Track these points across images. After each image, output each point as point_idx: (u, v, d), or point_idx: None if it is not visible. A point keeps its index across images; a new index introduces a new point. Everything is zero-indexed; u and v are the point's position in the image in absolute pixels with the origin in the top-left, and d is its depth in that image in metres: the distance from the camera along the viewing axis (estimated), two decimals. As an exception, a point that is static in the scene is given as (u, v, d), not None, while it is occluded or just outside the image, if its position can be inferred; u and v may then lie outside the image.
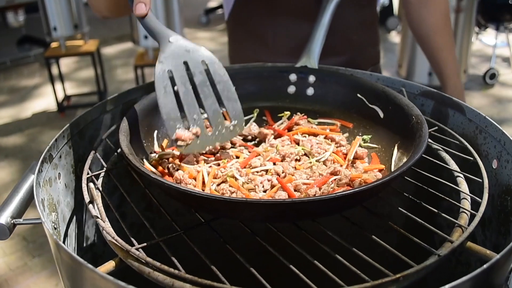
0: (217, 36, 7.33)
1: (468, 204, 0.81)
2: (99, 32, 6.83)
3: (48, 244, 3.00)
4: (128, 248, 0.69)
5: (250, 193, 0.76)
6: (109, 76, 5.55)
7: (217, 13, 8.28)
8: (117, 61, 6.23)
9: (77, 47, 4.53)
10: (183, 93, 0.86)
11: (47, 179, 0.85)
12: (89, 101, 4.91)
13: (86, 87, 5.35)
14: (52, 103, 4.85)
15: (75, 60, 6.06)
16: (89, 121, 1.02)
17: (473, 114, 1.00)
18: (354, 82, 1.06)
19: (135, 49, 5.64)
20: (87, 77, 5.60)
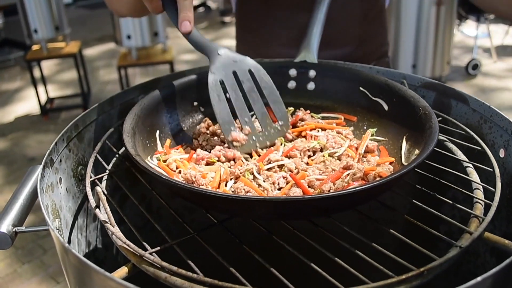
0: (200, 34, 7.29)
1: (481, 194, 0.80)
2: (80, 33, 6.74)
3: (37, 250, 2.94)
4: (142, 253, 0.66)
5: (263, 192, 0.75)
6: (92, 78, 5.48)
7: (198, 11, 8.24)
8: (99, 62, 6.16)
9: (59, 49, 4.45)
10: (235, 99, 0.93)
11: (49, 184, 0.82)
12: (72, 103, 4.83)
13: (69, 89, 5.27)
14: (35, 107, 4.77)
15: (56, 63, 5.96)
16: (88, 123, 0.99)
17: (477, 104, 0.99)
18: (356, 76, 1.05)
19: (117, 49, 5.58)
20: (69, 79, 5.52)
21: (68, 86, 5.36)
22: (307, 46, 1.12)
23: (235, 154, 0.86)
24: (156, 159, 0.88)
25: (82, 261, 0.62)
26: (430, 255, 0.65)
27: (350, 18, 1.38)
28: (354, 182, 0.75)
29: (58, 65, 5.97)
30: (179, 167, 0.83)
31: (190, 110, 1.05)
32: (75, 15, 7.94)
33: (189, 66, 5.88)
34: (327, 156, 0.85)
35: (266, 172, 0.79)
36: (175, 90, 1.01)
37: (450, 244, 0.68)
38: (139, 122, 0.89)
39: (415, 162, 0.70)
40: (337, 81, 1.07)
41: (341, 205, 0.69)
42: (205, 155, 0.86)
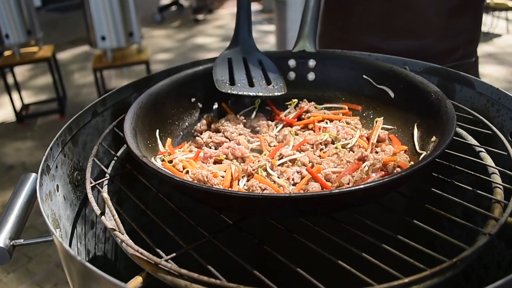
0: (173, 33, 7.20)
1: (499, 179, 0.78)
2: (52, 37, 6.57)
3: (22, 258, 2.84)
4: (157, 260, 0.62)
5: (280, 189, 0.71)
6: (67, 82, 5.34)
7: (170, 10, 8.13)
8: (73, 66, 6.02)
9: (32, 54, 4.32)
10: (235, 62, 1.01)
11: (47, 193, 0.77)
12: (48, 109, 4.70)
13: (44, 95, 5.12)
14: (10, 114, 4.62)
15: (29, 68, 5.80)
16: (81, 125, 0.93)
17: (483, 87, 0.97)
18: (359, 64, 1.02)
19: (91, 52, 5.45)
20: (44, 84, 5.37)
21: (43, 92, 5.21)
22: (304, 34, 1.09)
23: (243, 152, 0.82)
24: (159, 160, 0.83)
25: (98, 274, 0.57)
26: (461, 245, 0.63)
27: (437, 6, 1.25)
28: (373, 174, 0.72)
29: (31, 70, 5.80)
30: (186, 167, 0.79)
31: (188, 107, 1.00)
32: (45, 18, 7.73)
33: (164, 65, 5.80)
34: (340, 148, 0.82)
35: (280, 168, 0.76)
36: (171, 87, 0.96)
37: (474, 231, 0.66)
38: (138, 121, 0.84)
39: (438, 150, 0.67)
40: (339, 70, 1.04)
41: (365, 198, 0.66)
42: (213, 153, 0.82)
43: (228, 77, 0.98)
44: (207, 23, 7.61)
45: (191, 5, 8.11)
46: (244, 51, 1.03)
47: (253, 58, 1.02)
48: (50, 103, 4.82)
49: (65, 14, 8.10)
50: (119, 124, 0.97)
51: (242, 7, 1.06)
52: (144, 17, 7.52)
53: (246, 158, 0.82)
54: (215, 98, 1.05)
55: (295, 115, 0.95)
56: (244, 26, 1.05)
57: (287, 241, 0.69)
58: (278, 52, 1.08)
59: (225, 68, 0.99)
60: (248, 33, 1.05)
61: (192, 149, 0.87)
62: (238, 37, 1.05)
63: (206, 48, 6.47)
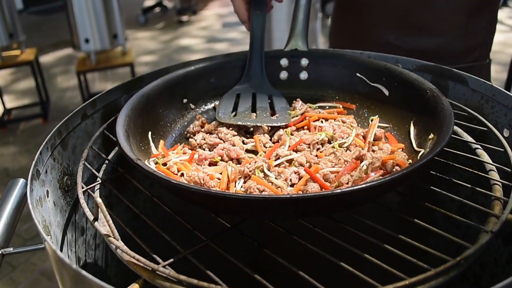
0: (157, 35, 7.14)
1: (497, 176, 0.77)
2: (34, 40, 6.47)
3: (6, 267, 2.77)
4: (155, 267, 0.60)
5: (278, 189, 0.69)
6: (50, 85, 5.27)
7: (154, 11, 8.07)
8: (56, 69, 5.93)
9: (14, 57, 4.24)
10: (243, 96, 1.00)
11: (37, 199, 0.74)
12: (31, 113, 4.62)
13: (27, 99, 5.04)
14: (-9, 119, 4.53)
15: (11, 72, 5.70)
16: (71, 128, 0.91)
17: (477, 84, 0.97)
18: (352, 62, 1.01)
19: (74, 55, 5.38)
20: (26, 88, 5.28)
21: (26, 96, 5.12)
22: (296, 33, 1.07)
23: (239, 153, 0.80)
24: (153, 163, 0.81)
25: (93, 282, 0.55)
26: (464, 243, 0.62)
27: (457, 4, 1.22)
28: (371, 173, 0.71)
29: (13, 74, 5.70)
30: (181, 170, 0.77)
31: (180, 108, 0.98)
32: (28, 21, 7.61)
33: (149, 67, 5.75)
34: (337, 147, 0.80)
35: (277, 169, 0.74)
36: (163, 88, 0.94)
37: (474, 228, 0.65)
38: (130, 123, 0.82)
39: (438, 148, 0.66)
40: (331, 68, 1.03)
41: (366, 198, 0.65)
42: (208, 154, 0.80)
43: (231, 109, 0.96)
44: (191, 25, 7.57)
45: (175, 7, 8.06)
46: (255, 87, 1.01)
47: (263, 93, 1.00)
48: (33, 107, 4.73)
49: (47, 17, 7.98)
50: (109, 127, 0.95)
51: (255, 42, 1.03)
52: (127, 19, 7.45)
53: (241, 159, 0.81)
54: (208, 98, 1.03)
55: (298, 120, 0.93)
56: (257, 61, 1.03)
57: (287, 243, 0.68)
58: (270, 51, 1.07)
59: (231, 102, 0.98)
60: (261, 69, 1.03)
61: (185, 151, 0.85)
62: (250, 73, 1.03)
63: (191, 50, 6.43)
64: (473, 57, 1.30)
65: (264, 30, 1.04)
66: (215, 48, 6.40)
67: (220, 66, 1.03)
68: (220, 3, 8.56)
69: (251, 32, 1.03)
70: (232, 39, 6.73)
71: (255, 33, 1.03)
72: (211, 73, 1.02)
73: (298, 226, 0.68)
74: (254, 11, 1.04)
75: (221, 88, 1.03)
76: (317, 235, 0.66)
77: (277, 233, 0.67)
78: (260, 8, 1.04)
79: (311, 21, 4.10)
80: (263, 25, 1.03)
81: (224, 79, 1.04)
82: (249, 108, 0.95)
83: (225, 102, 0.98)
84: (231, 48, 6.37)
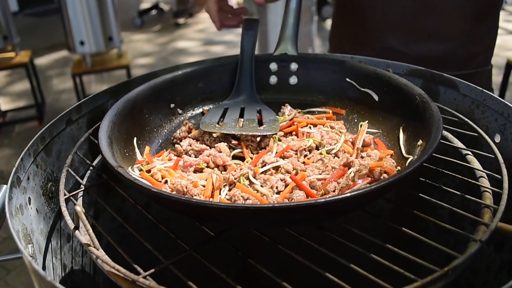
0: (153, 37, 7.13)
1: (487, 182, 0.76)
2: (29, 42, 6.45)
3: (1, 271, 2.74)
4: (135, 278, 0.58)
5: (263, 198, 0.68)
6: (45, 88, 5.25)
7: (151, 14, 8.06)
8: (52, 71, 5.91)
9: (9, 59, 4.22)
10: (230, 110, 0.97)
11: (18, 207, 0.73)
12: (26, 116, 4.59)
13: (22, 101, 5.01)
14: (-14, 122, 4.51)
15: (6, 74, 5.68)
16: (55, 134, 0.89)
17: (468, 89, 0.96)
18: (341, 67, 1.00)
19: (70, 57, 5.36)
20: (21, 90, 5.26)
21: (21, 98, 5.10)
22: (285, 37, 1.06)
23: (225, 160, 0.79)
24: (137, 170, 0.79)
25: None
26: (452, 253, 0.60)
27: (460, 9, 1.20)
28: (359, 180, 0.70)
29: (9, 76, 5.68)
30: (165, 177, 0.75)
31: (167, 113, 0.97)
32: (23, 23, 7.59)
33: (145, 70, 5.73)
34: (325, 154, 0.79)
35: (263, 176, 0.73)
36: (149, 92, 0.93)
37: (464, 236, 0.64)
38: (114, 129, 0.80)
39: (426, 154, 0.65)
40: (321, 73, 1.01)
41: (352, 206, 0.64)
42: (193, 161, 0.79)
43: (216, 120, 0.93)
44: (187, 27, 7.56)
45: (172, 9, 8.05)
46: (244, 102, 0.99)
47: (252, 108, 0.97)
48: (28, 109, 4.71)
49: (43, 19, 7.96)
50: (95, 132, 0.93)
51: (245, 60, 1.03)
52: (123, 21, 7.44)
53: (228, 166, 0.79)
54: (196, 103, 1.02)
55: (286, 125, 0.92)
56: (246, 78, 1.02)
57: (273, 252, 0.66)
58: (259, 56, 1.05)
59: (217, 114, 0.95)
60: (250, 85, 1.01)
61: (171, 158, 0.84)
62: (239, 89, 1.01)
63: (187, 52, 6.42)
64: (476, 63, 1.30)
65: (254, 48, 1.04)
66: (211, 51, 6.39)
67: (208, 71, 1.02)
68: (217, 6, 8.54)
69: (241, 49, 1.03)
70: (228, 42, 6.72)
71: (246, 50, 1.02)
72: (198, 78, 1.01)
73: (284, 234, 0.67)
74: (246, 32, 1.04)
75: (210, 92, 1.02)
76: (303, 244, 0.64)
77: (263, 242, 0.66)
78: (252, 29, 1.05)
79: (307, 24, 4.09)
80: (254, 44, 1.04)
81: (213, 84, 1.02)
82: (236, 119, 0.93)
83: (211, 113, 0.96)
84: (227, 51, 6.36)
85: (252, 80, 1.00)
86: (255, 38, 1.04)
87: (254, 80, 1.01)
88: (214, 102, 1.01)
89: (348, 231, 0.66)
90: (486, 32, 1.27)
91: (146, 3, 8.69)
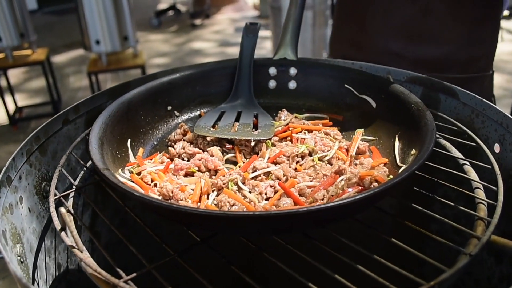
0: (170, 38, 7.17)
1: (483, 194, 0.74)
2: (47, 40, 6.54)
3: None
4: (115, 282, 0.58)
5: (251, 204, 0.67)
6: (62, 85, 5.31)
7: (168, 15, 8.11)
8: (69, 69, 5.98)
9: (25, 56, 4.28)
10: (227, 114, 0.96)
11: (6, 206, 0.73)
12: (42, 112, 4.66)
13: (39, 98, 5.09)
14: (3, 117, 4.58)
15: (24, 71, 5.76)
16: (50, 134, 0.90)
17: (468, 97, 0.94)
18: (340, 72, 0.99)
19: (87, 55, 5.42)
20: (38, 87, 5.33)
21: (38, 95, 5.17)
22: (285, 42, 1.06)
23: (216, 164, 0.78)
24: (128, 172, 0.79)
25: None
26: (440, 266, 0.59)
27: (458, 13, 1.19)
28: (349, 189, 0.68)
29: (26, 73, 5.76)
30: (155, 180, 0.75)
31: (164, 115, 0.97)
32: (41, 21, 7.70)
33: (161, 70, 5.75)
34: (317, 161, 0.78)
35: (252, 182, 0.72)
36: (146, 94, 0.93)
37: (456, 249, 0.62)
38: (107, 131, 0.80)
39: (416, 164, 0.64)
40: (320, 78, 1.00)
41: (339, 215, 0.62)
42: (184, 164, 0.78)
43: (211, 124, 0.92)
44: (204, 28, 7.59)
45: (188, 10, 8.09)
46: (242, 106, 0.99)
47: (249, 112, 0.97)
48: (44, 106, 4.77)
49: (61, 17, 8.07)
50: (91, 133, 0.94)
51: (244, 63, 1.02)
52: (141, 22, 7.51)
53: (219, 171, 0.79)
54: (193, 106, 1.02)
55: (280, 130, 0.91)
56: (245, 82, 1.01)
57: (258, 259, 0.66)
58: (258, 60, 1.04)
59: (213, 117, 0.94)
60: (249, 89, 1.01)
61: (164, 160, 0.84)
62: (237, 92, 1.01)
63: (203, 53, 6.44)
64: (476, 68, 1.27)
65: (253, 51, 1.03)
66: (227, 52, 6.40)
67: (207, 74, 1.02)
68: (233, 8, 8.57)
69: (240, 53, 1.03)
70: (243, 44, 6.71)
71: (245, 54, 1.02)
72: (196, 81, 1.01)
73: (270, 242, 0.66)
74: (247, 35, 1.03)
75: (207, 95, 1.02)
76: (289, 252, 0.64)
77: (248, 249, 0.65)
78: (253, 32, 1.04)
79: (321, 28, 4.07)
80: (254, 47, 1.03)
81: (211, 87, 1.02)
82: (231, 123, 0.92)
83: (207, 116, 0.95)
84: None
85: (251, 84, 1.00)
86: (255, 42, 1.03)
87: (253, 84, 1.01)
88: (212, 105, 1.01)
89: (336, 240, 0.65)
90: (486, 36, 1.25)
91: (163, 4, 8.74)
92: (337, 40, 1.45)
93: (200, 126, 0.90)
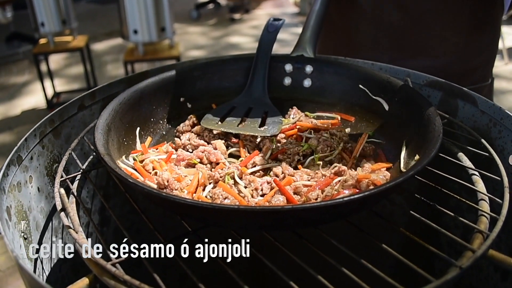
0: (208, 31, 7.22)
1: (487, 206, 0.72)
2: (88, 28, 6.69)
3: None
4: (103, 263, 0.59)
5: (244, 199, 0.67)
6: (99, 72, 5.43)
7: (208, 7, 8.17)
8: (107, 57, 6.11)
9: (66, 43, 4.41)
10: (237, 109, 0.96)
11: (14, 184, 0.76)
12: (79, 98, 4.78)
13: (76, 84, 5.23)
14: (41, 101, 4.73)
15: (64, 57, 5.93)
16: (65, 118, 0.92)
17: (486, 105, 0.91)
18: (356, 72, 0.97)
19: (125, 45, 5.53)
20: (77, 73, 5.48)
21: (75, 81, 5.32)
22: (305, 39, 1.04)
23: (218, 157, 0.79)
24: (132, 159, 0.81)
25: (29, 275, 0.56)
26: (427, 276, 0.58)
27: (454, 23, 1.14)
28: (345, 190, 0.68)
29: (66, 59, 5.93)
30: (156, 168, 0.76)
31: (176, 106, 0.98)
32: (85, 9, 7.90)
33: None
34: (317, 160, 0.77)
35: (249, 177, 0.72)
36: (159, 84, 0.94)
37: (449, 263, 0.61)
38: (116, 118, 0.82)
39: (412, 170, 0.62)
40: (335, 77, 0.99)
41: (329, 216, 0.62)
42: (186, 155, 0.79)
43: (220, 117, 0.93)
44: (242, 23, 7.61)
45: (228, 4, 8.13)
46: (254, 102, 0.98)
47: (259, 108, 0.96)
48: (81, 92, 4.88)
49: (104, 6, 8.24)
50: (105, 119, 0.96)
51: (261, 58, 1.02)
52: (180, 13, 7.59)
53: (220, 164, 0.79)
54: (207, 99, 1.02)
55: (287, 128, 0.91)
56: (260, 78, 1.01)
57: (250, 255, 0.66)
58: (275, 56, 1.04)
59: (223, 112, 0.95)
60: (263, 86, 1.01)
61: (169, 150, 0.85)
62: (251, 88, 1.01)
63: (239, 47, 6.46)
64: (472, 80, 1.21)
65: (271, 48, 1.03)
66: (263, 48, 6.39)
67: (223, 67, 1.02)
68: (273, 3, 8.56)
69: (258, 48, 1.02)
70: (281, 40, 6.70)
71: (263, 49, 1.02)
72: (212, 74, 1.01)
73: (262, 238, 0.66)
74: (268, 31, 1.04)
75: (221, 89, 1.02)
76: (277, 249, 0.64)
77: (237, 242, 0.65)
78: (274, 29, 1.04)
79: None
80: (272, 43, 1.02)
81: (226, 81, 1.02)
82: (239, 118, 0.92)
83: (217, 110, 0.96)
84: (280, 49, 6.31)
85: (265, 81, 1.00)
86: (274, 38, 1.03)
87: (268, 80, 1.00)
88: (225, 99, 1.01)
89: (326, 240, 0.64)
90: (485, 45, 1.19)
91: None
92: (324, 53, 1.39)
93: (208, 119, 0.90)
